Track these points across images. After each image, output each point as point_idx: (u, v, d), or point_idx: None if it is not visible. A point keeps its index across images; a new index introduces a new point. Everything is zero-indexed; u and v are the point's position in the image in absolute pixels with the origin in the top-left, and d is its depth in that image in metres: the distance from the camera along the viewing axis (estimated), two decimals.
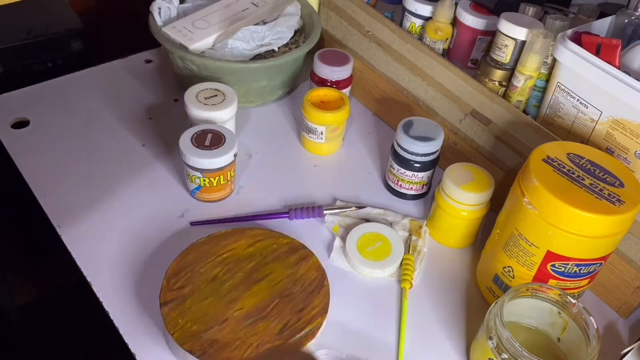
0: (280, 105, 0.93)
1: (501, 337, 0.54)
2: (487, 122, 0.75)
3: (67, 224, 0.71)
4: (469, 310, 0.68)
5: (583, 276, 0.60)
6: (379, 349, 0.63)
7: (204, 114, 0.76)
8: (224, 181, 0.74)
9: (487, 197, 0.70)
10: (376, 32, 0.86)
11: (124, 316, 0.63)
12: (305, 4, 0.93)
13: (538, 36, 0.67)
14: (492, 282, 0.66)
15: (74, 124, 0.84)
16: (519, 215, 0.59)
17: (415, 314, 0.67)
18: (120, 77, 0.93)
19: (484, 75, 0.75)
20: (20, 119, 0.84)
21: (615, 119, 0.64)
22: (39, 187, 0.74)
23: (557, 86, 0.68)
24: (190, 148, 0.71)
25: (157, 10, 0.87)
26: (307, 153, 0.85)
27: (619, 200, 0.55)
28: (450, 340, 0.65)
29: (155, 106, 0.89)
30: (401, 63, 0.84)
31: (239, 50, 0.85)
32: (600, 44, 0.63)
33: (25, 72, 1.05)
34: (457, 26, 0.81)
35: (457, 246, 0.75)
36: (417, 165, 0.75)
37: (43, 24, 1.07)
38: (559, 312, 0.59)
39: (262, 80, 0.86)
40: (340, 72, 0.86)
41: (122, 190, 0.76)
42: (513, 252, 0.61)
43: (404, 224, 0.76)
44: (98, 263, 0.67)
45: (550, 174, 0.57)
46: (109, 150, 0.81)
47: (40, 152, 0.79)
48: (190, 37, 0.84)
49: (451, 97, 0.78)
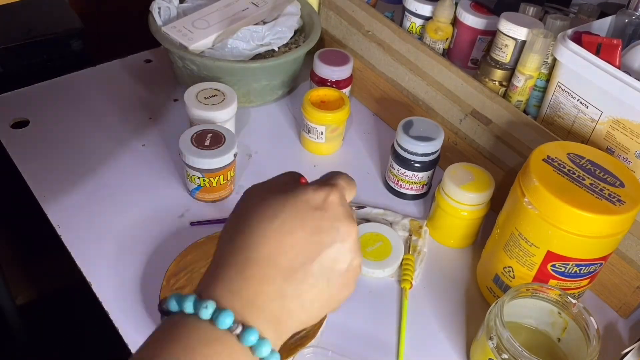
0: (280, 105, 0.93)
1: (501, 337, 0.54)
2: (487, 122, 0.75)
3: (67, 224, 0.71)
4: (469, 310, 0.68)
5: (583, 276, 0.60)
6: (379, 349, 0.63)
7: (204, 114, 0.76)
8: (224, 181, 0.74)
9: (487, 197, 0.70)
10: (376, 32, 0.85)
11: (124, 316, 0.63)
12: (305, 3, 0.93)
13: (538, 36, 0.67)
14: (492, 282, 0.66)
15: (74, 124, 0.84)
16: (519, 215, 0.59)
17: (415, 314, 0.67)
18: (120, 77, 0.93)
19: (484, 75, 0.75)
20: (20, 119, 0.83)
21: (615, 118, 0.64)
22: (39, 187, 0.74)
23: (557, 86, 0.68)
24: (190, 148, 0.71)
25: (157, 10, 0.87)
26: (307, 153, 0.85)
27: (619, 200, 0.55)
28: (450, 340, 0.65)
29: (155, 106, 0.89)
30: (401, 63, 0.84)
31: (238, 50, 0.85)
32: (600, 44, 0.63)
33: (25, 72, 1.05)
34: (457, 26, 0.81)
35: (457, 246, 0.75)
36: (417, 165, 0.75)
37: (43, 24, 1.07)
38: (559, 312, 0.59)
39: (262, 80, 0.86)
40: (340, 72, 0.86)
41: (122, 190, 0.76)
42: (513, 252, 0.61)
43: (404, 224, 0.75)
44: (98, 263, 0.67)
45: (551, 174, 0.57)
46: (108, 150, 0.81)
47: (40, 152, 0.79)
48: (190, 36, 0.84)
49: (451, 97, 0.78)
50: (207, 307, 0.35)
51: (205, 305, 0.35)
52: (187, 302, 0.35)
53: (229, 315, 0.35)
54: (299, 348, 0.59)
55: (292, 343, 0.59)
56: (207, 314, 0.35)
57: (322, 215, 0.39)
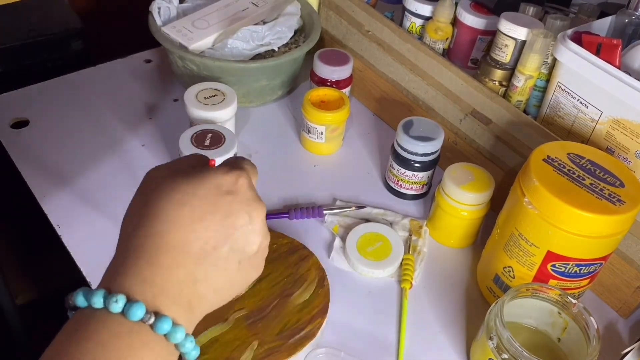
0: (280, 105, 0.93)
1: (501, 337, 0.54)
2: (487, 122, 0.75)
3: (67, 224, 0.71)
4: (469, 310, 0.68)
5: (583, 276, 0.60)
6: (379, 349, 0.63)
7: (204, 113, 0.76)
8: None
9: (487, 197, 0.70)
10: (376, 31, 0.85)
11: None
12: (305, 3, 0.93)
13: (538, 36, 0.67)
14: (493, 282, 0.66)
15: (74, 124, 0.84)
16: (519, 215, 0.59)
17: (415, 314, 0.67)
18: (120, 77, 0.93)
19: (484, 75, 0.75)
20: (20, 119, 0.83)
21: (615, 118, 0.64)
22: (38, 187, 0.74)
23: (557, 86, 0.68)
24: (190, 148, 0.71)
25: (157, 10, 0.87)
26: (307, 153, 0.85)
27: (619, 200, 0.55)
28: (450, 340, 0.65)
29: (155, 106, 0.89)
30: (401, 63, 0.84)
31: (238, 50, 0.85)
32: (600, 44, 0.63)
33: (25, 72, 1.05)
34: (457, 26, 0.81)
35: (457, 246, 0.75)
36: (417, 165, 0.75)
37: (43, 24, 1.07)
38: (559, 312, 0.59)
39: (262, 80, 0.86)
40: (340, 72, 0.86)
41: (122, 191, 0.75)
42: (513, 252, 0.61)
43: (404, 224, 0.75)
44: (98, 263, 0.66)
45: (551, 174, 0.57)
46: (108, 150, 0.81)
47: (40, 152, 0.79)
48: (190, 36, 0.84)
49: (451, 97, 0.78)
50: (117, 301, 0.34)
51: (116, 300, 0.34)
52: (95, 297, 0.35)
53: (141, 307, 0.34)
54: (299, 348, 0.59)
55: (292, 343, 0.59)
56: (118, 307, 0.34)
57: (233, 199, 0.39)
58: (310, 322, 0.61)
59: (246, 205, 0.40)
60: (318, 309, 0.62)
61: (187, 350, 0.36)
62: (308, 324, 0.61)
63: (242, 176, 0.41)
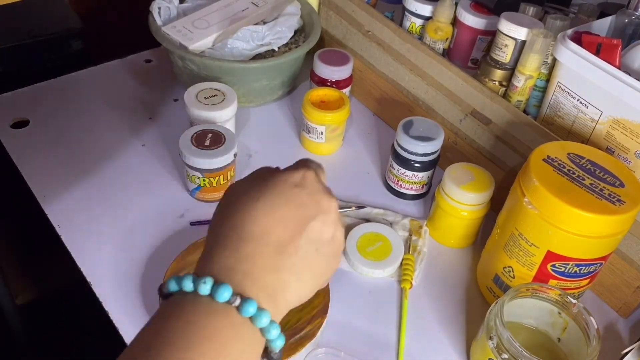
0: (280, 105, 0.93)
1: (501, 337, 0.54)
2: (487, 122, 0.75)
3: (67, 224, 0.71)
4: (469, 310, 0.68)
5: (583, 276, 0.60)
6: (379, 349, 0.63)
7: (204, 113, 0.76)
8: (224, 181, 0.74)
9: (487, 197, 0.70)
10: (376, 32, 0.85)
11: (124, 316, 0.63)
12: (305, 3, 0.93)
13: (538, 36, 0.67)
14: (492, 282, 0.66)
15: (74, 124, 0.84)
16: (519, 215, 0.59)
17: (415, 314, 0.67)
18: (120, 77, 0.93)
19: (484, 75, 0.75)
20: (20, 119, 0.83)
21: (615, 118, 0.64)
22: (39, 187, 0.74)
23: (557, 86, 0.68)
24: (190, 148, 0.71)
25: (157, 10, 0.87)
26: (307, 153, 0.85)
27: (619, 200, 0.55)
28: (450, 340, 0.65)
29: (155, 106, 0.89)
30: (401, 63, 0.84)
31: (238, 50, 0.85)
32: (600, 44, 0.63)
33: (25, 72, 1.05)
34: (457, 26, 0.81)
35: (457, 246, 0.75)
36: (417, 165, 0.75)
37: (43, 24, 1.07)
38: (559, 312, 0.59)
39: (262, 80, 0.86)
40: (340, 72, 0.86)
41: (122, 190, 0.76)
42: (513, 252, 0.61)
43: (404, 224, 0.75)
44: (98, 263, 0.67)
45: (551, 174, 0.57)
46: (108, 150, 0.81)
47: (40, 152, 0.79)
48: (190, 36, 0.84)
49: (451, 97, 0.78)
50: (205, 283, 0.36)
51: (204, 281, 0.36)
52: (185, 281, 0.37)
53: (227, 288, 0.36)
54: (300, 348, 0.59)
55: (292, 343, 0.59)
56: (206, 289, 0.36)
57: (301, 191, 0.42)
58: (310, 322, 0.61)
59: (315, 196, 0.43)
60: (318, 309, 0.62)
61: (272, 337, 0.38)
62: (308, 323, 0.61)
63: (309, 172, 0.44)
